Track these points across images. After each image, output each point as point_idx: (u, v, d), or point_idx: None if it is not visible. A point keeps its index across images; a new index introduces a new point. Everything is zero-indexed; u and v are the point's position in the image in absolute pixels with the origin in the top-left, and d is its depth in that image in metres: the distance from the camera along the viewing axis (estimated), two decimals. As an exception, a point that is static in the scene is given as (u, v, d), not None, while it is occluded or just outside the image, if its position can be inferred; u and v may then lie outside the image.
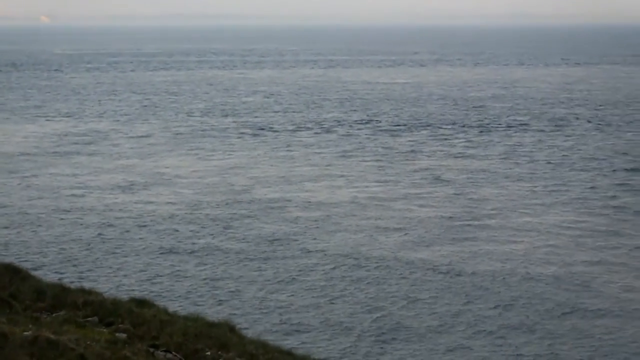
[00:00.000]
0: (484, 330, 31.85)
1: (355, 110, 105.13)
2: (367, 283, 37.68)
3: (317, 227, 47.53)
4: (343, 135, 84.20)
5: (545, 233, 46.30)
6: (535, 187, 58.70)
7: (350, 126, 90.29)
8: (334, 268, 39.87)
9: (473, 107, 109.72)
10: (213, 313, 30.02)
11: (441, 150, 74.60)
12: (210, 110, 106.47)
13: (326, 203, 53.51)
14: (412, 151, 74.22)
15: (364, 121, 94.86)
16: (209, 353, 15.77)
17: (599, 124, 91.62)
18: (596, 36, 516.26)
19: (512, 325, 32.19)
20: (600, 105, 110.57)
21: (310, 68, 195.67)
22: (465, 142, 79.74)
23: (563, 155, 71.51)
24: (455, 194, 56.55)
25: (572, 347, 29.98)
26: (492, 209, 51.90)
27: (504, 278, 38.22)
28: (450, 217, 49.86)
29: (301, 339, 31.11)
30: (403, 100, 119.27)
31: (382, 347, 30.56)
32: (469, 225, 48.06)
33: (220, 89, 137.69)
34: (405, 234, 46.21)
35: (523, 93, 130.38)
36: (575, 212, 51.02)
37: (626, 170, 64.13)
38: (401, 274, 38.88)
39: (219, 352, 15.82)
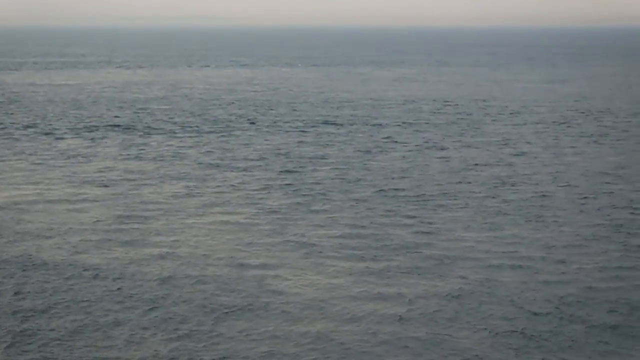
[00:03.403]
0: (147, 335, 31.27)
1: (13, 114, 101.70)
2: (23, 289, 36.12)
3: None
4: None
5: (210, 233, 46.40)
6: (199, 187, 58.90)
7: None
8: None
9: (138, 108, 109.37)
10: None
11: (102, 152, 73.48)
12: None
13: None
14: (75, 154, 72.61)
15: (22, 125, 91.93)
16: None
17: (262, 126, 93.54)
18: (270, 38, 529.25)
19: (175, 327, 31.76)
20: (262, 106, 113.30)
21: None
22: (128, 143, 79.07)
23: (226, 156, 72.35)
24: (115, 195, 55.69)
25: (232, 345, 29.99)
26: (155, 211, 51.49)
27: (167, 279, 37.81)
28: (113, 220, 48.96)
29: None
30: (65, 102, 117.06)
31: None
32: (133, 227, 47.38)
33: None
34: (63, 238, 44.85)
35: (188, 94, 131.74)
36: (241, 212, 51.51)
37: (287, 171, 65.80)
38: (67, 278, 37.62)
39: None
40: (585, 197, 55.25)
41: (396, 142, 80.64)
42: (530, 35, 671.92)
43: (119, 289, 36.64)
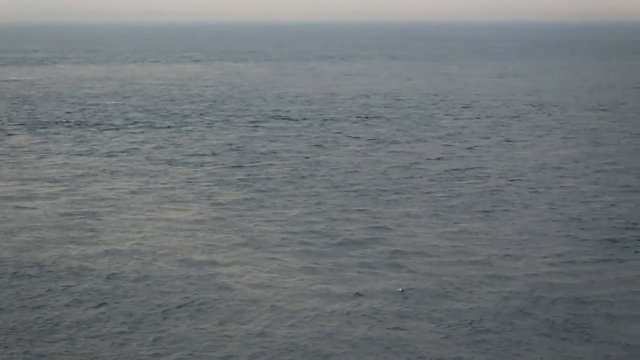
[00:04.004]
0: (87, 330, 31.02)
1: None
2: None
3: None
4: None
5: (160, 229, 46.13)
6: (150, 183, 58.56)
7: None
8: None
9: (89, 104, 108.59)
10: None
11: (53, 148, 72.83)
12: None
13: None
14: (26, 150, 71.93)
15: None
16: None
17: (214, 121, 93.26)
18: (223, 34, 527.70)
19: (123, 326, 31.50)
20: (214, 101, 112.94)
21: None
22: (79, 139, 78.45)
23: (178, 151, 72.03)
24: (66, 191, 55.24)
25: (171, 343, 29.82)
26: (105, 207, 51.10)
27: (116, 275, 37.54)
28: (63, 216, 48.54)
29: None
30: (15, 98, 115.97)
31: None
32: (83, 223, 47.01)
33: None
34: (12, 235, 44.40)
35: (140, 89, 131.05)
36: (191, 208, 51.30)
37: (239, 166, 65.65)
38: (13, 275, 37.23)
39: None
40: (536, 191, 55.60)
41: (348, 136, 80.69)
42: (484, 30, 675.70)
43: (66, 285, 36.30)
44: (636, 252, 41.49)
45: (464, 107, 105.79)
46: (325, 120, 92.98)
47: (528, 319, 32.32)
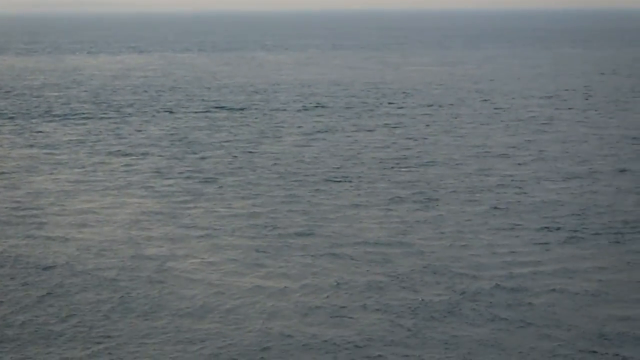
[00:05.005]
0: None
1: None
2: None
3: None
4: None
5: (103, 220, 46.06)
6: (92, 174, 58.38)
7: None
8: None
9: (31, 95, 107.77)
10: None
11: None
12: None
13: None
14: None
15: None
16: None
17: (157, 111, 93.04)
18: (165, 24, 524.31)
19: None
20: (157, 92, 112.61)
21: None
22: (20, 131, 77.91)
23: (121, 142, 71.79)
24: (8, 183, 54.98)
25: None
26: (48, 198, 50.92)
27: (60, 266, 37.48)
28: (4, 209, 48.33)
29: None
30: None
31: None
32: (25, 215, 46.83)
33: None
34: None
35: (82, 80, 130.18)
36: (135, 198, 51.27)
37: (182, 156, 65.76)
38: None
39: None
40: (478, 179, 56.25)
41: (291, 126, 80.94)
42: (431, 18, 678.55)
43: (11, 277, 36.22)
44: (573, 237, 42.21)
45: (406, 95, 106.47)
46: (269, 110, 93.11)
47: (471, 306, 32.75)
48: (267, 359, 28.08)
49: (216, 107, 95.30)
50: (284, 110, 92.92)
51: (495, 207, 48.32)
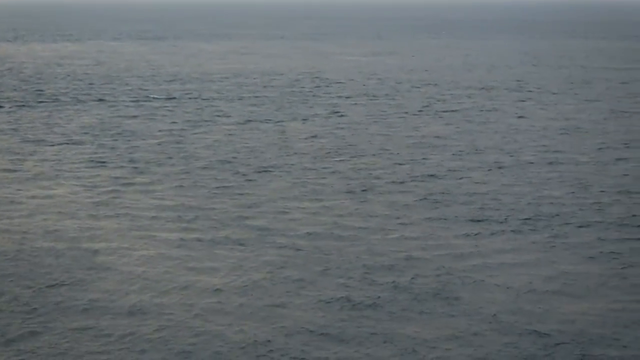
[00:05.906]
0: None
1: None
2: None
3: None
4: None
5: (31, 208, 45.56)
6: (21, 162, 57.74)
7: None
8: None
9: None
10: None
11: None
12: None
13: None
14: None
15: None
16: None
17: (88, 100, 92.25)
18: (99, 13, 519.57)
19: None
20: (89, 81, 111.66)
21: None
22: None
23: (52, 131, 71.08)
24: None
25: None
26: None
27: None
28: None
29: None
30: None
31: None
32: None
33: None
34: None
35: (12, 67, 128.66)
36: (65, 187, 50.79)
37: (114, 145, 65.23)
38: None
39: None
40: (408, 168, 56.57)
41: (224, 116, 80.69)
42: (371, 9, 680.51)
43: None
44: (503, 229, 42.63)
45: (340, 85, 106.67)
46: (202, 99, 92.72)
47: (400, 292, 32.94)
48: (200, 358, 27.95)
49: (148, 96, 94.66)
50: (218, 99, 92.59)
51: (426, 198, 48.59)
